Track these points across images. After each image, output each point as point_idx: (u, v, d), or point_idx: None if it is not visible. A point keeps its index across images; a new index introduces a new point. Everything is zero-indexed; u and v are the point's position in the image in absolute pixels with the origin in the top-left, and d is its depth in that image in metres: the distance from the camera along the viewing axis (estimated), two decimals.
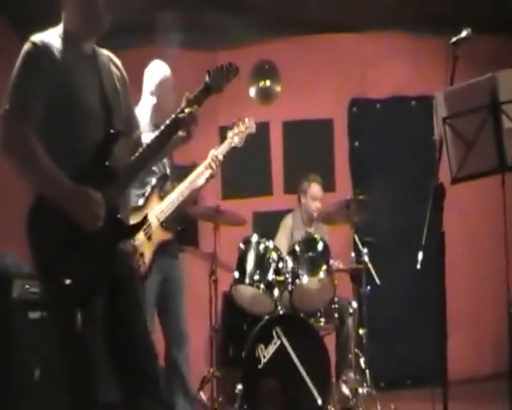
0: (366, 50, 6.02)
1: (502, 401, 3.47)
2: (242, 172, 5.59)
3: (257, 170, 5.90)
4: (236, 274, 4.11)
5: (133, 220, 3.45)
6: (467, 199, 5.28)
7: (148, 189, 3.44)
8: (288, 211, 5.10)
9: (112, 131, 2.33)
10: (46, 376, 3.80)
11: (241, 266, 4.14)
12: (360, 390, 4.15)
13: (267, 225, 5.19)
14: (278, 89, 6.15)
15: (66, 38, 2.31)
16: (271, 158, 6.01)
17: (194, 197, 3.77)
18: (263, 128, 5.95)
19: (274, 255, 4.20)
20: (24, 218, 2.27)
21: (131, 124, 2.56)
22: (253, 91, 6.15)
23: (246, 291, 4.14)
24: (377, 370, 4.53)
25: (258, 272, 4.09)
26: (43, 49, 2.24)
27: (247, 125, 3.79)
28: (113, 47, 2.53)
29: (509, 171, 2.68)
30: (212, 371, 4.14)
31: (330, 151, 6.06)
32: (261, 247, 4.20)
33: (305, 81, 5.87)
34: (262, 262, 4.15)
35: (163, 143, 2.41)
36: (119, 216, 2.29)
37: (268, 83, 6.15)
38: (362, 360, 4.33)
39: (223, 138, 3.91)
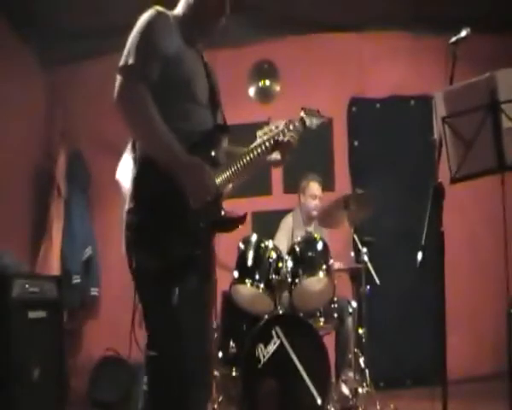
0: (365, 50, 6.03)
1: (501, 400, 3.48)
2: None
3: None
4: (236, 274, 4.10)
5: None
6: (466, 198, 5.28)
7: None
8: (288, 211, 5.09)
9: (222, 124, 2.31)
10: (45, 375, 3.80)
11: (240, 265, 4.13)
12: (360, 390, 4.15)
13: (266, 224, 5.18)
14: (277, 88, 6.16)
15: (182, 25, 2.29)
16: None
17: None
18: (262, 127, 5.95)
19: (273, 255, 4.20)
20: (23, 218, 2.26)
21: None
22: (252, 91, 6.16)
23: (245, 291, 4.14)
24: (377, 369, 4.53)
25: (257, 271, 4.08)
26: (168, 19, 2.23)
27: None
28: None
29: (508, 170, 2.68)
30: None
31: (330, 150, 6.06)
32: (261, 246, 4.19)
33: (304, 80, 5.87)
34: (261, 262, 4.14)
35: (256, 158, 2.36)
36: (223, 206, 2.27)
37: (267, 82, 6.16)
38: (361, 360, 4.33)
39: None
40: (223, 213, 2.28)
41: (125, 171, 3.71)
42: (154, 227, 2.09)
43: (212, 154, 2.24)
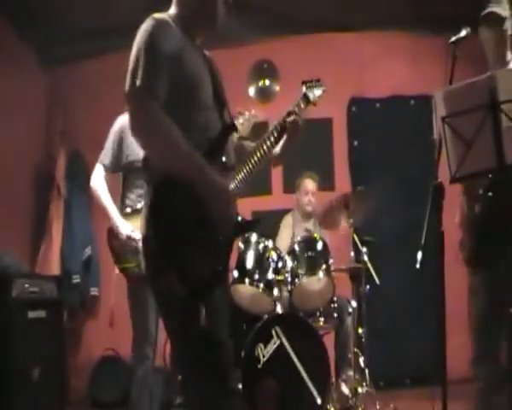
0: (365, 49, 6.03)
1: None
2: None
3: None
4: (235, 273, 4.10)
5: (133, 224, 3.47)
6: None
7: None
8: (288, 210, 5.10)
9: (229, 123, 2.28)
10: (45, 375, 3.80)
11: (240, 265, 4.13)
12: (359, 389, 4.15)
13: (266, 224, 5.17)
14: (277, 88, 6.16)
15: (181, 24, 2.22)
16: None
17: None
18: (262, 127, 5.96)
19: (273, 255, 4.20)
20: (23, 218, 2.25)
21: None
22: (252, 91, 6.16)
23: (245, 291, 4.14)
24: (376, 369, 4.53)
25: (257, 271, 4.08)
26: (166, 24, 2.16)
27: (253, 115, 3.82)
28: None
29: (508, 170, 2.67)
30: None
31: (330, 150, 6.06)
32: (260, 246, 4.19)
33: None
34: (261, 261, 4.15)
35: (266, 151, 2.43)
36: (236, 211, 2.25)
37: (267, 82, 6.16)
38: (361, 360, 4.33)
39: None
40: (240, 219, 2.26)
41: (99, 179, 3.71)
42: (178, 251, 2.04)
43: (223, 160, 2.21)
